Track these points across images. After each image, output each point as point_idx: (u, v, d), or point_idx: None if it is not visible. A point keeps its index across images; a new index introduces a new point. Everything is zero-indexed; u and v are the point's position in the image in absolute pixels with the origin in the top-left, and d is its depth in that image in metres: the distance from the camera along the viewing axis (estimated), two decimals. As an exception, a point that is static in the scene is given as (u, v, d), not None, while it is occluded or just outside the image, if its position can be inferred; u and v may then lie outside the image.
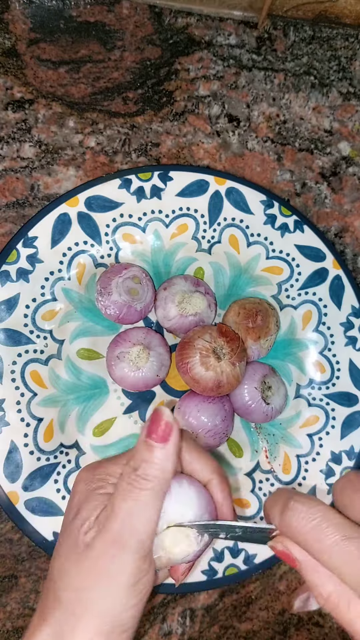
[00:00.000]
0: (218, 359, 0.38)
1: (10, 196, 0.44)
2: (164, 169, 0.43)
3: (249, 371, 0.41)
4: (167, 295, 0.41)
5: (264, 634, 0.43)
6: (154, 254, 0.44)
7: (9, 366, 0.39)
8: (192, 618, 0.42)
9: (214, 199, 0.44)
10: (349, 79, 0.51)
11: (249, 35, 0.50)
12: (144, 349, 0.39)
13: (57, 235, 0.41)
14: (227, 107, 0.48)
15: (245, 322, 0.41)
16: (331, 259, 0.44)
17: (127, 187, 0.42)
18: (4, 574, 0.40)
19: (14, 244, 0.40)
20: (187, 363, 0.38)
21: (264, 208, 0.44)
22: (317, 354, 0.44)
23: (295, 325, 0.45)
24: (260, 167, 0.48)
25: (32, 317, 0.40)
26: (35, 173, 0.44)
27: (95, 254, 0.42)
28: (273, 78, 0.50)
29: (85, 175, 0.45)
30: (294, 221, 0.44)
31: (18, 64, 0.45)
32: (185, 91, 0.48)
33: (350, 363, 0.44)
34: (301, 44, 0.51)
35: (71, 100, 0.46)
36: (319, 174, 0.49)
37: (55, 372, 0.41)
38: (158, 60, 0.48)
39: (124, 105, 0.47)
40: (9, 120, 0.45)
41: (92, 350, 0.42)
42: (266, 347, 0.43)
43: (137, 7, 0.48)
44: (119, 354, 0.39)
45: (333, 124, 0.50)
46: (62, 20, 0.47)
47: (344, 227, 0.49)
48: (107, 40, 0.47)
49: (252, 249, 0.44)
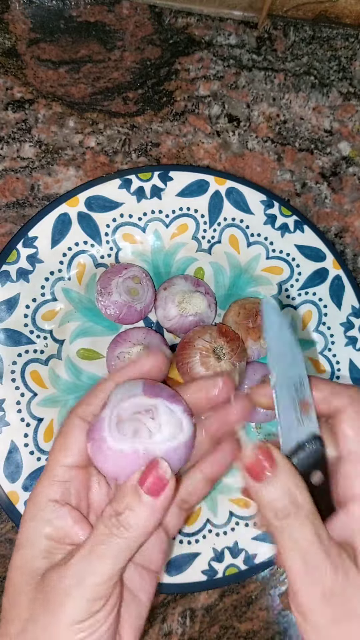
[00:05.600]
0: (218, 359, 0.38)
1: (11, 196, 0.44)
2: (164, 169, 0.43)
3: (249, 371, 0.41)
4: (167, 295, 0.41)
5: (264, 634, 0.43)
6: (154, 254, 0.44)
7: (9, 366, 0.39)
8: (192, 618, 0.42)
9: (214, 199, 0.44)
10: (349, 79, 0.51)
11: (249, 35, 0.50)
12: (144, 349, 0.39)
13: (57, 235, 0.41)
14: (227, 107, 0.48)
15: (245, 322, 0.41)
16: (331, 259, 0.44)
17: (127, 187, 0.42)
18: (3, 574, 0.40)
19: (14, 244, 0.40)
20: (187, 363, 0.38)
21: (264, 208, 0.44)
22: (317, 354, 0.44)
23: (295, 325, 0.45)
24: (261, 167, 0.48)
25: (32, 317, 0.40)
26: (35, 173, 0.44)
27: (95, 254, 0.42)
28: (273, 78, 0.50)
29: (86, 175, 0.45)
30: (294, 221, 0.44)
31: (18, 64, 0.45)
32: (185, 91, 0.48)
33: (350, 363, 0.44)
34: (301, 44, 0.51)
35: (71, 100, 0.46)
36: (319, 174, 0.49)
37: (56, 372, 0.41)
38: (158, 60, 0.48)
39: (124, 105, 0.47)
40: (9, 120, 0.45)
41: (92, 350, 0.42)
42: (266, 347, 0.43)
43: (137, 7, 0.48)
44: (119, 354, 0.39)
45: (333, 124, 0.50)
46: (62, 20, 0.47)
47: (344, 227, 0.49)
48: (107, 40, 0.47)
49: (252, 249, 0.44)
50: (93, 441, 0.24)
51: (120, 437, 0.24)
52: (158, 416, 0.24)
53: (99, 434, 0.24)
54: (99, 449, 0.24)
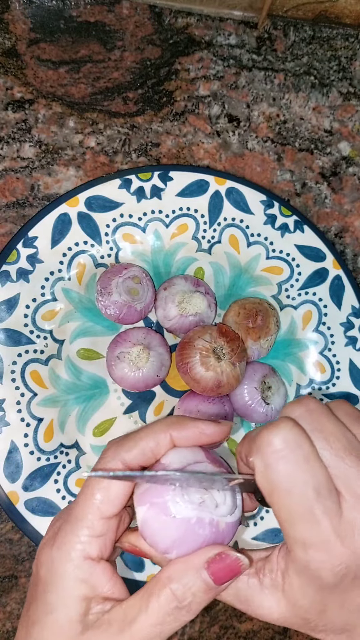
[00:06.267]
0: (218, 359, 0.38)
1: (11, 196, 0.44)
2: (164, 169, 0.43)
3: (249, 371, 0.41)
4: (167, 295, 0.41)
5: (264, 634, 0.43)
6: (154, 254, 0.44)
7: (9, 366, 0.39)
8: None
9: (214, 199, 0.44)
10: (349, 79, 0.51)
11: (249, 35, 0.50)
12: (144, 349, 0.39)
13: (57, 235, 0.41)
14: (227, 107, 0.48)
15: (246, 322, 0.41)
16: (331, 259, 0.44)
17: (127, 187, 0.42)
18: (4, 574, 0.40)
19: (14, 244, 0.40)
20: (187, 363, 0.38)
21: (264, 208, 0.44)
22: (317, 354, 0.44)
23: (295, 325, 0.45)
24: (260, 167, 0.48)
25: (32, 317, 0.40)
26: (35, 173, 0.44)
27: (95, 254, 0.42)
28: (273, 78, 0.50)
29: (86, 175, 0.45)
30: (294, 221, 0.44)
31: (18, 64, 0.45)
32: (185, 91, 0.48)
33: (351, 363, 0.44)
34: (301, 44, 0.51)
35: (71, 100, 0.46)
36: (319, 174, 0.49)
37: (55, 372, 0.41)
38: (158, 60, 0.48)
39: (124, 105, 0.47)
40: (9, 120, 0.45)
41: (92, 350, 0.42)
42: (266, 347, 0.43)
43: (137, 7, 0.48)
44: (119, 354, 0.39)
45: (333, 124, 0.50)
46: (62, 20, 0.47)
47: (344, 227, 0.49)
48: (107, 40, 0.47)
49: (252, 249, 0.44)
50: (151, 504, 0.21)
51: (187, 505, 0.21)
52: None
53: (161, 498, 0.21)
54: (157, 516, 0.21)
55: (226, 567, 0.21)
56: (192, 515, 0.21)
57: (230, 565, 0.21)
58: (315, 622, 0.22)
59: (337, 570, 0.20)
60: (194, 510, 0.21)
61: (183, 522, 0.21)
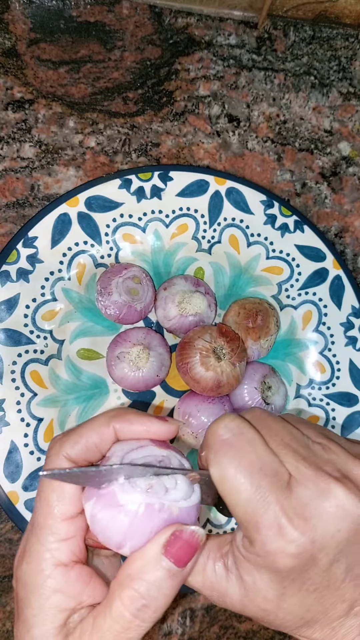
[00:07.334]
0: (218, 359, 0.38)
1: (11, 196, 0.44)
2: (164, 169, 0.43)
3: (249, 371, 0.41)
4: (167, 295, 0.41)
5: (264, 633, 0.43)
6: (154, 254, 0.44)
7: (9, 366, 0.39)
8: (192, 618, 0.42)
9: (214, 199, 0.44)
10: (349, 79, 0.51)
11: (249, 35, 0.50)
12: (144, 349, 0.39)
13: (57, 235, 0.41)
14: (227, 107, 0.48)
15: (246, 322, 0.41)
16: (331, 259, 0.44)
17: (127, 187, 0.42)
18: (4, 574, 0.40)
19: (14, 244, 0.40)
20: (187, 363, 0.38)
21: (264, 208, 0.44)
22: (317, 354, 0.44)
23: (295, 325, 0.45)
24: (260, 167, 0.48)
25: (32, 317, 0.40)
26: (35, 173, 0.44)
27: (95, 254, 0.42)
28: (273, 78, 0.50)
29: (86, 176, 0.45)
30: (294, 221, 0.44)
31: (18, 64, 0.45)
32: (185, 91, 0.48)
33: (350, 363, 0.44)
34: (301, 44, 0.51)
35: (71, 100, 0.46)
36: (319, 174, 0.49)
37: (55, 372, 0.41)
38: (158, 60, 0.48)
39: (124, 105, 0.47)
40: (9, 120, 0.45)
41: (92, 350, 0.42)
42: (266, 347, 0.43)
43: (137, 7, 0.48)
44: (119, 354, 0.39)
45: (333, 124, 0.50)
46: (62, 20, 0.47)
47: (344, 227, 0.49)
48: (107, 40, 0.47)
49: (252, 249, 0.44)
50: (98, 497, 0.20)
51: (133, 492, 0.20)
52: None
53: (106, 490, 0.20)
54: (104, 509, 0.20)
55: (184, 544, 0.20)
56: (141, 501, 0.20)
57: (188, 542, 0.20)
58: (274, 613, 0.21)
59: (291, 551, 0.20)
60: (141, 496, 0.20)
61: (131, 511, 0.20)
